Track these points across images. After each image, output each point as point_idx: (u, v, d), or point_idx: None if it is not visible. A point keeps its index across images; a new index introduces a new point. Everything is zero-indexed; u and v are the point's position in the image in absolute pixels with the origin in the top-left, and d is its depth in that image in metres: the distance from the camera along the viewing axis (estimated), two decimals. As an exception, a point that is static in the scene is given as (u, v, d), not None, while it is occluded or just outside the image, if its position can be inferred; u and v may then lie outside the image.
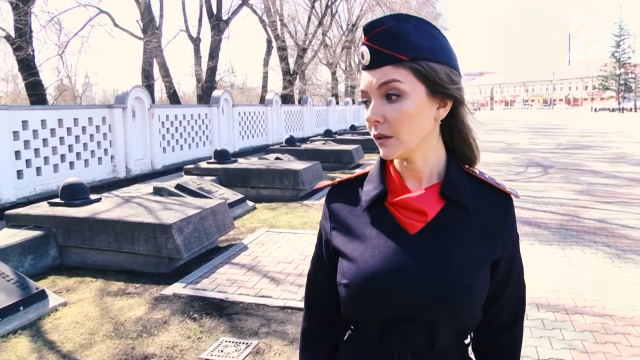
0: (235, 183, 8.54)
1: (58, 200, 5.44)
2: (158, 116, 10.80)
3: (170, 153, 11.29)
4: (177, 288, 4.26)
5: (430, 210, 0.96)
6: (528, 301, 3.78)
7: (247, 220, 6.86)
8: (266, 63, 23.68)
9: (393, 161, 1.02)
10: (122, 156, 9.51)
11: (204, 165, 9.27)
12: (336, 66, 31.31)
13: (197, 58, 18.57)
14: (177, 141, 11.63)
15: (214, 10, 17.70)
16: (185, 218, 4.85)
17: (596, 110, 73.88)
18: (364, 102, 0.95)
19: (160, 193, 6.97)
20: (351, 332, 1.07)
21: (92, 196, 5.62)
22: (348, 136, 17.57)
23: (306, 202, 7.98)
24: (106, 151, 9.21)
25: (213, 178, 8.52)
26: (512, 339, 1.09)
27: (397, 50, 0.89)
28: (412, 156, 0.97)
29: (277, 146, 13.42)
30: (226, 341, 3.31)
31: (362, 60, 0.93)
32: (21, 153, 7.35)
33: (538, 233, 5.91)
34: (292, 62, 24.20)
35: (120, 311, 3.84)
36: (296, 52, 24.31)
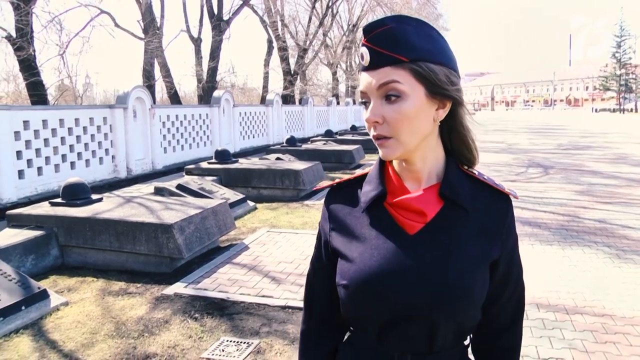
0: (236, 183, 8.55)
1: (59, 200, 5.45)
2: (159, 116, 10.82)
3: (171, 153, 11.30)
4: (179, 288, 4.27)
5: (429, 210, 0.96)
6: (528, 301, 3.81)
7: (248, 220, 6.87)
8: (267, 63, 23.67)
9: (392, 162, 1.03)
10: (123, 156, 9.53)
11: (205, 165, 9.28)
12: (337, 66, 31.30)
13: (198, 58, 18.57)
14: (178, 141, 11.65)
15: (215, 10, 17.72)
16: (186, 218, 4.86)
17: (597, 110, 73.88)
18: (364, 103, 0.95)
19: (161, 193, 6.99)
20: (351, 334, 1.07)
21: (94, 196, 5.63)
22: (349, 136, 17.56)
23: (307, 202, 7.99)
24: (107, 151, 9.23)
25: (214, 178, 8.53)
26: (512, 340, 1.09)
27: (397, 51, 0.89)
28: (411, 157, 0.97)
29: (278, 146, 13.42)
30: (227, 341, 3.32)
31: (362, 61, 0.93)
32: (22, 153, 7.37)
33: (538, 233, 5.92)
34: (293, 63, 24.21)
35: (121, 311, 3.86)
36: (297, 53, 24.31)
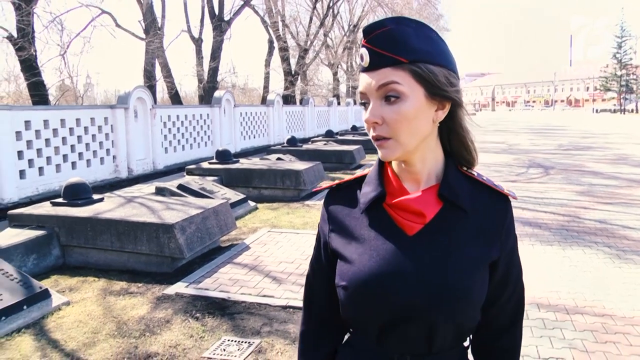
0: (237, 183, 8.56)
1: (61, 200, 5.46)
2: (160, 116, 10.83)
3: (172, 153, 11.32)
4: (180, 287, 4.28)
5: (428, 211, 0.97)
6: (529, 301, 3.81)
7: (249, 220, 6.88)
8: (268, 64, 23.67)
9: (391, 163, 1.03)
10: (124, 156, 9.54)
11: (206, 165, 9.29)
12: (338, 67, 31.30)
13: (199, 58, 18.57)
14: (179, 141, 11.67)
15: (216, 11, 17.72)
16: (187, 218, 4.87)
17: (597, 111, 73.91)
18: (363, 104, 0.95)
19: (162, 193, 7.00)
20: (350, 335, 1.07)
21: (95, 196, 5.65)
22: (349, 137, 17.58)
23: (308, 203, 7.99)
24: (108, 151, 9.24)
25: (215, 178, 8.54)
26: (512, 341, 1.09)
27: (397, 52, 0.89)
28: (411, 158, 0.97)
29: (279, 146, 13.44)
30: (228, 340, 3.33)
31: (362, 62, 0.94)
32: (24, 153, 7.39)
33: (539, 233, 5.92)
34: (294, 63, 24.21)
35: (123, 310, 3.87)
36: (298, 53, 24.31)
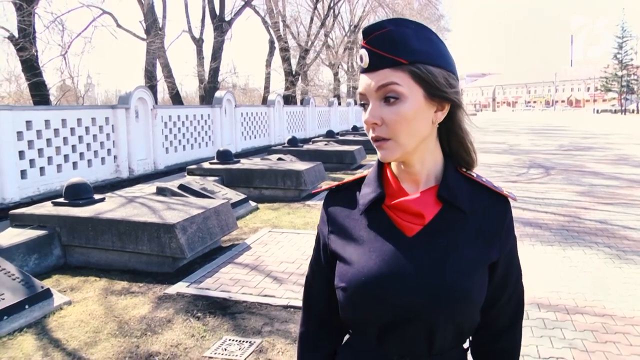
0: (237, 183, 8.57)
1: (62, 200, 5.48)
2: (161, 117, 10.84)
3: (172, 153, 11.32)
4: (181, 287, 4.30)
5: (427, 213, 0.97)
6: (529, 301, 3.82)
7: (250, 220, 6.89)
8: (268, 64, 23.68)
9: (391, 165, 1.03)
10: (125, 156, 9.55)
11: (207, 165, 9.30)
12: (338, 67, 31.30)
13: (200, 59, 18.59)
14: (180, 141, 11.67)
15: (217, 11, 17.74)
16: (188, 218, 4.88)
17: (598, 111, 73.84)
18: (362, 105, 0.95)
19: (163, 193, 7.01)
20: (350, 336, 1.07)
21: (96, 196, 5.66)
22: (350, 137, 17.58)
23: (308, 203, 8.00)
24: (109, 151, 9.25)
25: (216, 178, 8.55)
26: (511, 342, 1.08)
27: (396, 53, 0.89)
28: (410, 159, 0.97)
29: (280, 147, 13.44)
30: (230, 340, 3.34)
31: (361, 63, 0.94)
32: (25, 153, 7.39)
33: (539, 234, 5.93)
34: (295, 63, 24.21)
35: (124, 310, 3.88)
36: (298, 53, 24.32)
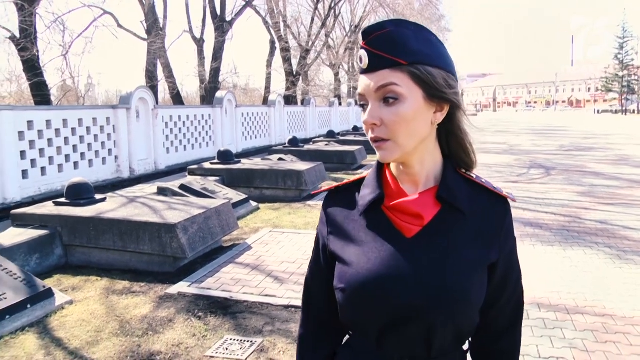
0: (238, 183, 8.58)
1: (63, 199, 5.49)
2: (162, 117, 10.86)
3: (173, 153, 11.34)
4: (182, 287, 4.31)
5: (426, 213, 0.96)
6: (529, 301, 3.83)
7: (251, 220, 6.90)
8: (269, 64, 23.68)
9: (390, 166, 1.03)
10: (126, 156, 9.57)
11: (208, 165, 9.31)
12: (339, 67, 31.30)
13: (201, 59, 18.59)
14: (181, 142, 11.69)
15: (218, 11, 17.75)
16: (189, 218, 4.89)
17: (599, 112, 73.77)
18: (362, 106, 0.95)
19: (164, 193, 7.02)
20: (349, 337, 1.07)
21: (97, 196, 5.67)
22: (351, 137, 17.59)
23: (309, 203, 8.02)
24: (110, 151, 9.26)
25: (217, 178, 8.56)
26: (511, 343, 1.08)
27: (396, 54, 0.89)
28: (409, 160, 0.97)
29: (280, 147, 13.45)
30: (231, 339, 3.35)
31: (361, 63, 0.94)
32: (26, 153, 7.41)
33: (540, 234, 5.94)
34: (295, 63, 24.23)
35: (125, 309, 3.89)
36: (299, 53, 24.33)
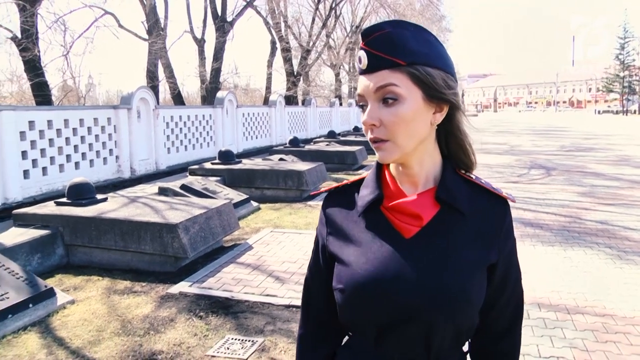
0: (239, 184, 8.59)
1: (65, 199, 5.50)
2: (163, 117, 10.87)
3: (174, 153, 11.35)
4: (183, 287, 4.32)
5: (425, 214, 0.96)
6: (530, 301, 3.84)
7: (252, 220, 6.91)
8: (270, 64, 23.70)
9: (389, 166, 1.03)
10: (127, 156, 9.58)
11: (209, 165, 9.32)
12: (340, 68, 31.31)
13: (202, 59, 18.62)
14: (182, 142, 11.70)
15: (219, 11, 17.77)
16: (191, 218, 4.90)
17: (599, 112, 73.75)
18: (361, 106, 0.96)
19: (165, 193, 7.03)
20: (349, 338, 1.07)
21: (98, 196, 5.68)
22: (351, 137, 17.60)
23: (310, 203, 8.02)
24: (111, 151, 9.28)
25: (217, 178, 8.57)
26: (511, 344, 1.08)
27: (395, 55, 0.90)
28: (408, 161, 0.97)
29: (281, 147, 13.46)
30: (232, 339, 3.36)
31: (360, 64, 0.94)
32: (27, 153, 7.42)
33: (540, 234, 5.94)
34: (296, 64, 24.25)
35: (127, 309, 3.90)
36: (300, 54, 24.36)
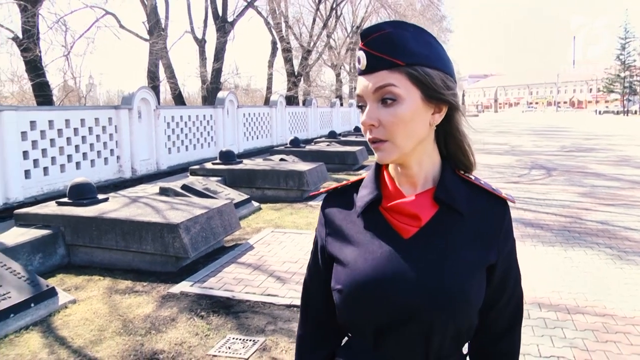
0: (240, 184, 8.60)
1: (66, 199, 5.51)
2: (164, 117, 10.88)
3: (175, 154, 11.36)
4: (185, 286, 4.33)
5: (423, 215, 0.96)
6: (530, 301, 3.85)
7: (253, 220, 6.92)
8: (271, 64, 23.70)
9: (388, 167, 1.03)
10: (128, 156, 9.58)
11: (209, 165, 9.33)
12: (340, 68, 31.32)
13: (202, 59, 18.63)
14: (183, 142, 11.71)
15: (220, 12, 17.77)
16: (192, 218, 4.91)
17: (600, 112, 73.71)
18: (360, 107, 0.96)
19: (166, 193, 7.04)
20: (348, 339, 1.07)
21: (100, 196, 5.69)
22: (352, 138, 17.59)
23: (311, 203, 8.03)
24: (112, 152, 9.28)
25: (218, 179, 8.58)
26: (510, 345, 1.08)
27: (394, 55, 0.90)
28: (407, 161, 0.97)
29: (282, 147, 13.47)
30: (233, 338, 3.37)
31: (359, 65, 0.94)
32: (29, 153, 7.42)
33: (541, 234, 5.95)
34: (297, 64, 24.24)
35: (128, 309, 3.91)
36: (301, 54, 24.36)
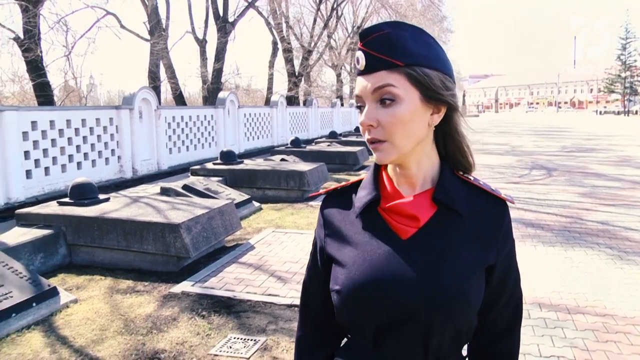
0: (241, 184, 8.61)
1: (67, 199, 5.52)
2: (164, 117, 10.89)
3: (176, 154, 11.37)
4: (186, 286, 4.34)
5: (422, 215, 0.96)
6: (530, 301, 3.86)
7: (254, 220, 6.93)
8: (271, 65, 23.71)
9: (387, 167, 1.03)
10: (129, 157, 9.60)
11: (210, 166, 9.34)
12: (341, 68, 31.34)
13: (203, 60, 18.64)
14: (183, 142, 11.72)
15: (220, 12, 17.79)
16: (193, 218, 4.93)
17: (601, 113, 73.71)
18: (359, 107, 0.96)
19: (167, 193, 7.06)
20: (347, 340, 1.07)
21: (101, 196, 5.70)
22: (352, 138, 17.59)
23: (311, 203, 8.04)
24: (113, 152, 9.29)
25: (219, 179, 8.59)
26: (510, 346, 1.08)
27: (393, 55, 0.90)
28: (406, 161, 0.97)
29: (283, 147, 13.48)
30: (234, 338, 3.38)
31: (358, 65, 0.94)
32: (30, 153, 7.43)
33: (541, 235, 5.96)
34: (298, 64, 24.26)
35: (130, 308, 3.92)
36: (301, 54, 24.38)
